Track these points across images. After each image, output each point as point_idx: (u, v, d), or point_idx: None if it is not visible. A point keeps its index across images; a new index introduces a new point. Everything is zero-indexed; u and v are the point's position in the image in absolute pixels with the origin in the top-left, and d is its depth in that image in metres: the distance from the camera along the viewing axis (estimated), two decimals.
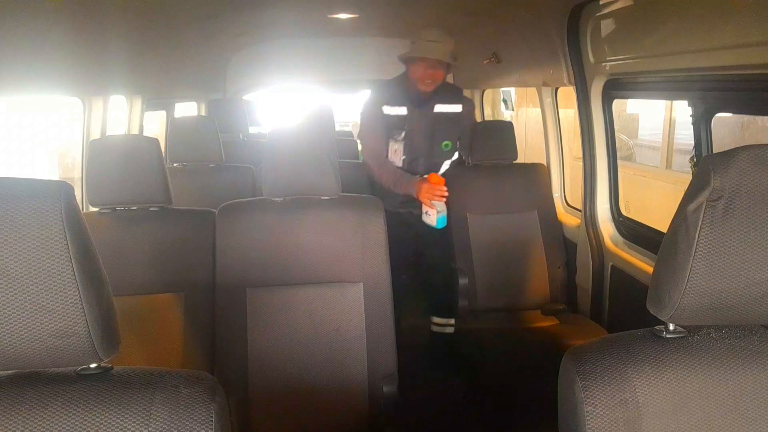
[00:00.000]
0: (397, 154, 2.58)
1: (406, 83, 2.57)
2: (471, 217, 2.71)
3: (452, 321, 2.75)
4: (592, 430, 0.79)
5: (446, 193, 2.39)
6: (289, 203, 1.82)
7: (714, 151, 1.85)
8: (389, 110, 2.57)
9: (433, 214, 2.43)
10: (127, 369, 0.82)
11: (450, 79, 2.73)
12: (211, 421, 0.77)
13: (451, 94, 2.67)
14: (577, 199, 2.82)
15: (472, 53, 3.69)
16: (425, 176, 2.46)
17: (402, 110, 2.57)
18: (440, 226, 2.45)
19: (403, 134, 2.57)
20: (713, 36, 1.58)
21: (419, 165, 2.63)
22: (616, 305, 2.47)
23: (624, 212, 2.58)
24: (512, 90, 6.09)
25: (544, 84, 2.96)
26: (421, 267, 2.81)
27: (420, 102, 2.57)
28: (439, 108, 2.62)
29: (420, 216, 2.52)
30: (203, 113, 4.01)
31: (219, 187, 2.83)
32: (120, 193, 1.78)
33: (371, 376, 1.73)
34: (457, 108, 2.66)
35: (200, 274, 1.78)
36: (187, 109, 4.05)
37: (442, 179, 2.43)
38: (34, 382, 0.78)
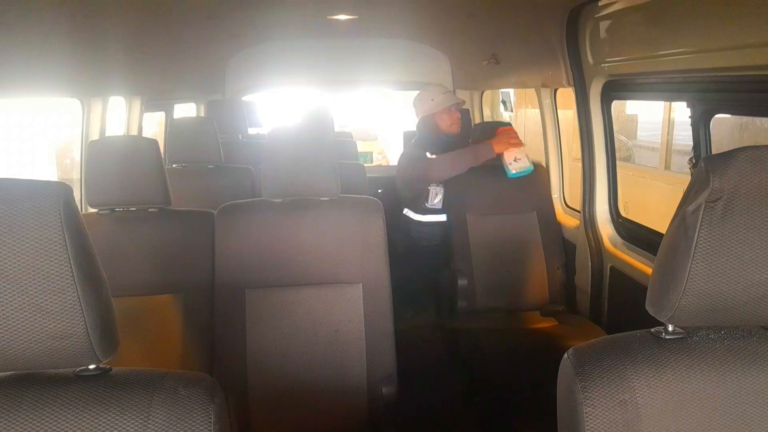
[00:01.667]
0: (437, 196, 2.84)
1: (431, 134, 2.86)
2: (470, 218, 2.71)
3: (451, 322, 2.75)
4: (591, 431, 0.79)
5: (516, 137, 2.65)
6: (289, 204, 1.82)
7: (713, 153, 1.86)
8: (431, 157, 2.79)
9: (523, 156, 2.61)
10: (126, 370, 0.82)
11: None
12: (210, 422, 0.77)
13: (464, 138, 2.98)
14: (576, 200, 2.82)
15: (471, 54, 3.69)
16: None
17: None
18: (531, 170, 2.64)
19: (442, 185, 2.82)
20: (712, 37, 1.58)
21: None
22: (615, 306, 2.47)
23: (623, 213, 2.58)
24: (511, 91, 6.09)
25: (543, 85, 2.97)
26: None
27: (445, 146, 2.84)
28: None
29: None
30: (202, 114, 4.01)
31: (218, 188, 2.83)
32: (119, 194, 1.78)
33: (370, 377, 1.73)
34: None
35: (199, 275, 1.78)
36: (186, 110, 4.05)
37: (509, 126, 2.70)
38: (32, 383, 0.78)
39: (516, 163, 2.60)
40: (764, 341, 0.84)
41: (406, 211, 2.89)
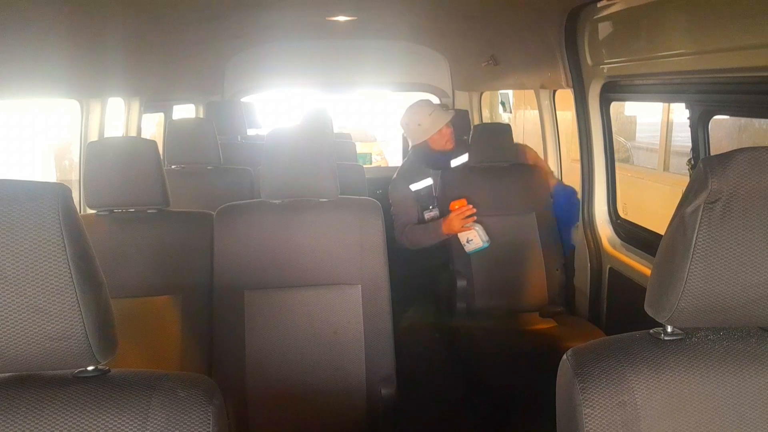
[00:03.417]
0: (434, 218, 2.74)
1: (426, 156, 2.74)
2: None
3: (450, 323, 2.75)
4: None
5: (474, 210, 2.50)
6: (288, 205, 1.82)
7: (711, 154, 1.86)
8: (416, 186, 2.73)
9: (475, 237, 2.51)
10: (125, 371, 0.82)
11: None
12: (209, 423, 0.77)
13: (457, 147, 2.84)
14: None
15: (470, 56, 3.69)
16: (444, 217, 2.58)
17: (428, 181, 2.75)
18: (487, 246, 2.54)
19: (435, 202, 2.74)
20: (710, 38, 1.58)
21: None
22: (614, 307, 2.47)
23: (621, 214, 2.58)
24: (510, 92, 6.10)
25: (542, 86, 2.97)
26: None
27: (442, 163, 2.76)
28: (454, 162, 2.82)
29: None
30: (201, 115, 4.01)
31: (217, 190, 2.83)
32: (118, 195, 1.78)
33: (369, 378, 1.73)
34: (464, 158, 2.84)
35: (198, 276, 1.78)
36: (185, 112, 4.05)
37: (462, 200, 2.53)
38: (31, 384, 0.78)
39: (468, 244, 2.53)
40: (763, 342, 0.84)
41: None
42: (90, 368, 0.79)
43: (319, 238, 1.78)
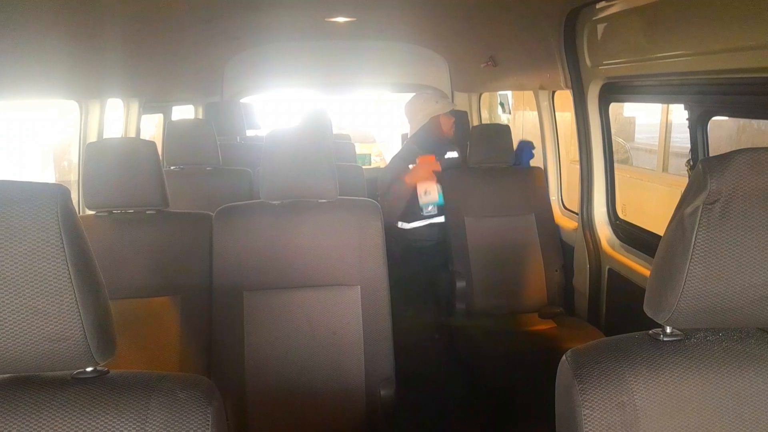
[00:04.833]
0: (429, 205, 2.86)
1: (431, 134, 2.90)
2: (468, 220, 2.71)
3: (450, 324, 2.75)
4: None
5: (439, 166, 2.66)
6: (287, 206, 1.82)
7: (710, 155, 1.86)
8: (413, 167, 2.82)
9: (433, 190, 2.61)
10: (124, 373, 0.81)
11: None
12: (208, 424, 0.77)
13: (451, 143, 3.06)
14: (574, 202, 2.83)
15: (469, 57, 3.70)
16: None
17: None
18: (442, 202, 2.64)
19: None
20: (710, 39, 1.58)
21: None
22: (613, 308, 2.47)
23: (620, 215, 2.58)
24: (509, 93, 6.10)
25: (541, 87, 2.97)
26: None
27: (441, 150, 2.95)
28: (448, 155, 3.02)
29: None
30: (200, 116, 4.01)
31: (216, 190, 2.83)
32: (117, 196, 1.78)
33: (368, 379, 1.73)
34: (454, 154, 3.06)
35: (197, 277, 1.78)
36: (184, 112, 4.05)
37: (431, 156, 2.69)
38: (29, 385, 0.78)
39: (425, 196, 2.62)
40: (762, 343, 0.84)
41: (400, 224, 2.86)
42: (89, 369, 0.79)
43: (318, 239, 1.78)
